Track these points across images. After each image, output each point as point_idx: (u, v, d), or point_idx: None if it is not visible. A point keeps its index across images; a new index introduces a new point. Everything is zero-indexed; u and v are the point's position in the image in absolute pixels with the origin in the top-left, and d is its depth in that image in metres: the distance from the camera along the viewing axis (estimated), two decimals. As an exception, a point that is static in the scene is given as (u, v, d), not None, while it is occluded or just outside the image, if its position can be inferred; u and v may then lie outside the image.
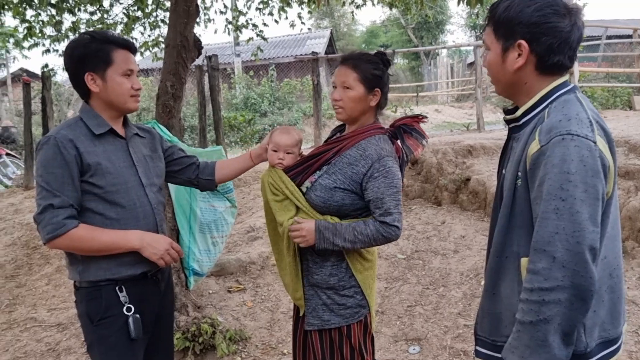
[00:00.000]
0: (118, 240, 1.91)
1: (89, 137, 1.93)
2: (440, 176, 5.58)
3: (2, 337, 3.74)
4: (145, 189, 2.01)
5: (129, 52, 2.00)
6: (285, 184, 2.10)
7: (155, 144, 2.20)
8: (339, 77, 2.06)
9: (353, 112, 2.06)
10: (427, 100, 21.71)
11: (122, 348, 1.95)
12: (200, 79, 7.33)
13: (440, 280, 4.25)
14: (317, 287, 2.09)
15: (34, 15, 5.67)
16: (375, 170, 1.97)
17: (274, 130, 2.25)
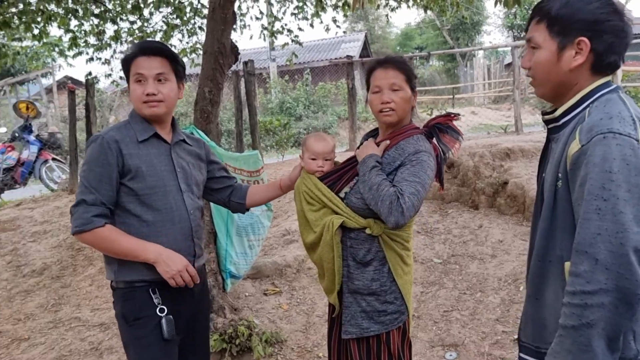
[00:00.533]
0: (136, 249, 1.94)
1: (134, 140, 2.01)
2: (477, 179, 5.50)
3: (49, 336, 3.88)
4: (183, 194, 2.05)
5: (148, 56, 1.99)
6: (322, 191, 2.09)
7: (200, 154, 2.23)
8: (387, 79, 2.04)
9: (403, 114, 2.07)
10: (464, 102, 21.41)
11: (155, 348, 2.00)
12: (237, 84, 7.45)
13: (477, 286, 4.19)
14: (358, 294, 2.06)
15: (77, 25, 5.88)
16: (408, 160, 1.97)
17: (308, 138, 2.25)
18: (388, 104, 2.03)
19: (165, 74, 2.01)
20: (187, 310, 2.10)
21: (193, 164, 2.17)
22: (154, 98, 1.99)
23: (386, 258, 2.04)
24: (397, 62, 2.07)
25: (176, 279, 1.96)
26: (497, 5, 3.71)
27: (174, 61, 2.05)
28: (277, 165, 7.32)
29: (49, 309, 4.25)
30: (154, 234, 1.99)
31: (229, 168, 3.74)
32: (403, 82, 2.04)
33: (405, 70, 2.05)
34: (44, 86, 16.84)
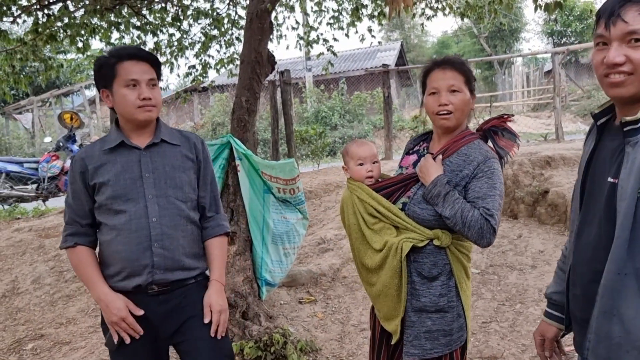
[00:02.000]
0: (87, 283, 2.03)
1: (101, 151, 2.02)
2: (516, 188, 5.37)
3: (89, 340, 3.97)
4: (147, 201, 1.99)
5: (137, 62, 1.97)
6: (379, 201, 1.97)
7: (187, 154, 2.11)
8: (445, 81, 1.93)
9: (461, 117, 1.95)
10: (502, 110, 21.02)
11: (114, 354, 2.06)
12: (273, 94, 7.52)
13: (517, 297, 4.08)
14: (423, 312, 1.93)
15: (118, 38, 6.06)
16: (480, 170, 1.87)
17: (350, 146, 2.16)
18: (446, 106, 1.92)
19: (154, 80, 2.02)
20: (146, 323, 2.01)
21: (175, 165, 2.07)
22: (150, 103, 1.98)
23: (452, 271, 1.93)
24: (456, 63, 1.98)
25: (122, 327, 1.95)
26: (538, 10, 3.63)
27: (158, 66, 2.06)
28: (313, 174, 7.34)
29: (90, 314, 4.35)
30: (113, 242, 1.98)
31: (264, 176, 3.78)
32: (462, 83, 1.94)
33: (464, 72, 1.96)
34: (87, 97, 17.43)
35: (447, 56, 2.04)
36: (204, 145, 2.20)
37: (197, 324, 2.06)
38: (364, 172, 2.07)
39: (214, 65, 6.95)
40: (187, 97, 7.98)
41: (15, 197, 8.25)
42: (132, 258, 1.98)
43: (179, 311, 2.06)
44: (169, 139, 2.09)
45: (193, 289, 2.10)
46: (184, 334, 2.07)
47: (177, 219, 2.03)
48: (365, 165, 2.08)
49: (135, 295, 2.01)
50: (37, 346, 3.97)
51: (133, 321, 1.96)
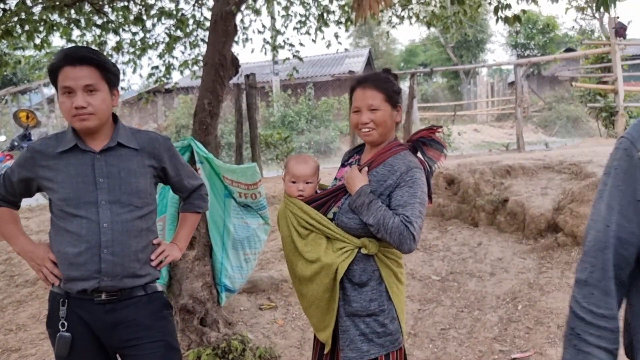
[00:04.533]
0: (10, 238, 2.11)
1: (54, 152, 1.97)
2: (477, 197, 5.46)
3: (40, 347, 3.83)
4: (98, 207, 1.95)
5: (74, 67, 1.88)
6: (309, 214, 2.04)
7: (145, 159, 2.07)
8: (364, 100, 2.02)
9: (384, 131, 2.04)
10: (466, 120, 21.45)
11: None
12: (238, 97, 7.46)
13: (475, 304, 4.13)
14: (356, 316, 2.00)
15: (79, 35, 5.90)
16: (402, 180, 1.94)
17: (290, 160, 2.20)
18: (366, 124, 2.02)
19: (94, 85, 1.90)
20: (89, 331, 1.99)
21: (132, 170, 2.02)
22: (84, 111, 1.89)
23: (382, 277, 2.00)
24: (375, 81, 2.05)
25: (44, 272, 2.00)
26: (499, 22, 3.71)
27: (104, 69, 1.94)
28: (277, 179, 7.30)
29: (41, 320, 4.19)
30: (62, 243, 1.96)
31: (226, 180, 3.72)
32: (382, 101, 2.02)
33: (384, 89, 2.02)
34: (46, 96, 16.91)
35: (368, 74, 2.10)
36: (166, 143, 2.15)
37: (145, 339, 2.03)
38: (294, 190, 2.12)
39: (178, 66, 6.84)
40: (150, 98, 7.82)
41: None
42: (79, 262, 1.93)
43: (126, 324, 2.01)
44: (126, 142, 2.02)
45: (144, 303, 2.06)
46: (131, 347, 2.03)
47: (129, 225, 1.99)
48: (296, 184, 2.12)
49: (82, 301, 1.97)
50: (-17, 354, 3.80)
51: (52, 266, 2.00)
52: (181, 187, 2.26)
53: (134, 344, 2.02)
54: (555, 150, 7.89)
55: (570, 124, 17.86)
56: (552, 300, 3.97)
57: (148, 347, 2.03)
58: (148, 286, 2.07)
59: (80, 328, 1.97)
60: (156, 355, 2.05)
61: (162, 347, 2.06)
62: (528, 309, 3.94)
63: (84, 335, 1.98)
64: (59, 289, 2.00)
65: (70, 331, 1.96)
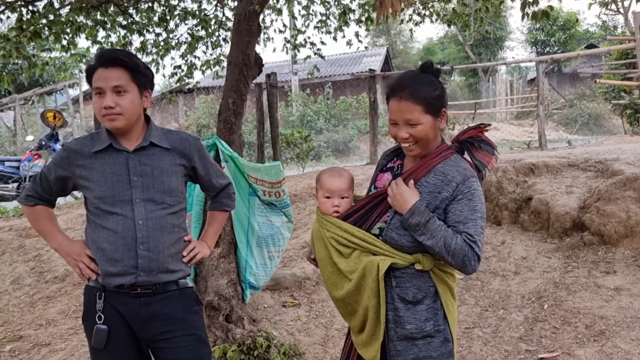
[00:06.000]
0: (47, 234, 2.17)
1: (90, 151, 2.03)
2: (499, 195, 5.42)
3: (69, 342, 3.91)
4: (133, 205, 2.00)
5: (106, 68, 1.95)
6: (350, 231, 1.85)
7: (177, 158, 2.12)
8: (401, 114, 1.79)
9: (427, 142, 1.83)
10: (485, 118, 21.25)
11: (92, 354, 2.08)
12: (259, 97, 7.50)
13: (499, 303, 4.11)
14: (410, 339, 1.81)
15: (104, 36, 6.00)
16: (460, 192, 1.76)
17: (322, 174, 2.02)
18: (406, 139, 1.81)
19: (123, 86, 1.96)
20: (126, 324, 2.04)
21: (164, 169, 2.07)
22: (112, 112, 1.95)
23: (438, 293, 1.83)
24: (412, 89, 1.79)
25: (80, 267, 2.05)
26: (525, 19, 3.68)
27: (134, 71, 1.99)
28: (298, 178, 7.33)
29: (70, 315, 4.28)
30: (100, 239, 2.02)
31: (250, 179, 3.76)
32: (421, 114, 1.78)
33: (422, 100, 1.78)
34: (71, 96, 17.20)
35: (403, 80, 1.84)
36: (196, 143, 2.20)
37: (177, 332, 2.08)
38: (329, 206, 1.93)
39: (200, 66, 6.92)
40: (173, 97, 7.92)
41: (-5, 196, 8.12)
42: (116, 258, 2.00)
43: (160, 317, 2.07)
44: (158, 141, 2.09)
45: (177, 298, 2.11)
46: (163, 340, 2.08)
47: (163, 221, 2.05)
48: (331, 199, 1.94)
49: (118, 294, 2.04)
50: (15, 348, 3.89)
51: (89, 262, 2.05)
52: (210, 186, 2.30)
53: (166, 337, 2.08)
54: (579, 148, 7.79)
55: (592, 122, 17.60)
56: (579, 300, 3.93)
57: (180, 340, 2.08)
58: (180, 281, 2.13)
59: (116, 321, 2.03)
60: (187, 348, 2.11)
61: (193, 340, 2.12)
62: (554, 308, 3.90)
63: (120, 328, 2.04)
64: (95, 283, 2.06)
65: (106, 324, 2.01)
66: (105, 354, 2.05)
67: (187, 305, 2.14)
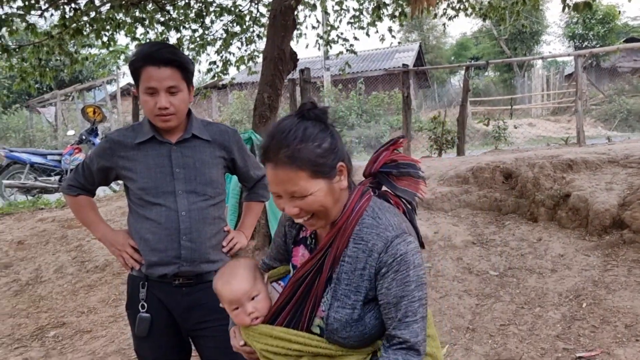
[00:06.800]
0: (91, 224, 2.22)
1: (132, 142, 2.07)
2: (536, 191, 5.33)
3: (109, 329, 4.03)
4: (176, 196, 2.03)
5: (158, 67, 1.93)
6: (287, 339, 1.42)
7: (217, 150, 2.14)
8: (281, 186, 1.35)
9: (328, 214, 1.40)
10: (520, 114, 20.87)
11: (135, 341, 2.16)
12: (293, 92, 7.54)
13: (536, 300, 4.04)
14: None
15: (142, 33, 6.13)
16: (384, 264, 1.34)
17: (215, 282, 1.58)
18: (298, 215, 1.38)
19: (176, 86, 1.97)
20: (168, 313, 2.10)
21: (205, 161, 2.10)
22: (167, 112, 1.97)
23: None
24: (290, 153, 1.32)
25: (124, 257, 2.10)
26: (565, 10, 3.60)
27: (184, 69, 2.00)
28: (330, 173, 7.35)
29: (110, 304, 4.41)
30: (143, 230, 2.06)
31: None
32: (308, 181, 1.33)
33: (306, 163, 1.32)
34: (109, 92, 17.64)
35: (276, 135, 1.34)
36: (235, 136, 2.23)
37: (216, 322, 2.11)
38: (244, 317, 1.50)
39: (234, 62, 7.01)
40: (208, 93, 8.05)
41: (39, 188, 8.41)
42: (159, 248, 2.04)
43: (200, 307, 2.11)
44: (199, 134, 2.11)
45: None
46: (202, 329, 2.12)
47: (205, 213, 2.09)
48: (242, 308, 1.50)
49: (161, 284, 2.08)
50: (59, 334, 4.04)
51: (132, 252, 2.09)
52: (247, 178, 2.33)
53: (205, 327, 2.12)
54: (619, 144, 7.58)
55: (632, 118, 17.07)
56: (619, 299, 3.84)
57: (218, 330, 2.10)
58: None
59: (159, 309, 2.09)
60: (223, 339, 2.13)
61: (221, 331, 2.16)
62: (593, 307, 3.82)
63: (162, 317, 2.09)
64: (138, 272, 2.11)
65: (149, 312, 2.07)
66: (147, 342, 2.11)
67: None
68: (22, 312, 4.45)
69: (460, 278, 4.40)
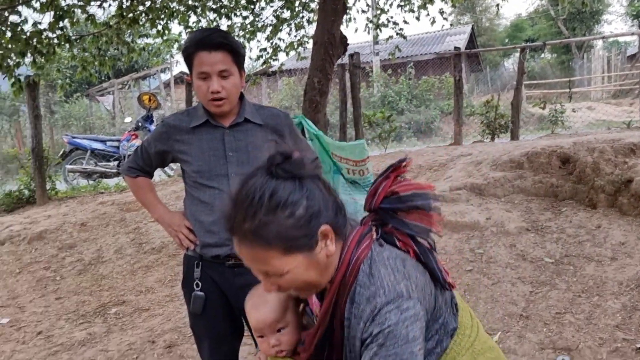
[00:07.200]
0: (149, 205, 2.29)
1: (187, 126, 2.11)
2: (596, 177, 5.11)
3: (166, 308, 4.19)
4: (229, 179, 2.07)
5: (209, 52, 1.95)
6: None
7: (269, 134, 2.16)
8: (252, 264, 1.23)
9: (316, 285, 1.25)
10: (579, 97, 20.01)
11: (191, 319, 2.23)
12: (342, 77, 7.52)
13: (594, 289, 3.91)
14: None
15: (195, 21, 6.26)
16: (369, 334, 1.15)
17: (246, 302, 1.50)
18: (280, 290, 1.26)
19: (228, 70, 1.99)
20: (221, 292, 2.15)
21: (257, 145, 2.13)
22: (219, 96, 2.00)
23: None
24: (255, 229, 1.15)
25: (180, 238, 2.15)
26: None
27: (236, 53, 2.01)
28: (380, 158, 7.30)
29: (166, 284, 4.58)
30: (198, 212, 2.12)
31: (335, 157, 3.80)
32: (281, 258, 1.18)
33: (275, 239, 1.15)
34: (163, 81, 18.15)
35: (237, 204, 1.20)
36: (287, 119, 2.26)
37: None
38: (267, 347, 1.42)
39: (284, 48, 7.05)
40: (258, 80, 8.14)
41: (99, 173, 8.82)
42: (213, 230, 2.09)
43: (252, 287, 2.14)
44: (251, 117, 2.14)
45: None
46: None
47: None
48: (266, 338, 1.42)
49: (214, 264, 2.14)
50: (119, 311, 4.24)
51: (188, 232, 2.16)
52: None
53: None
54: (687, 128, 7.16)
55: (701, 100, 16.06)
56: (684, 289, 3.66)
57: None
58: None
59: (213, 289, 2.15)
60: None
61: None
62: (656, 296, 3.66)
63: (216, 295, 2.16)
64: (193, 252, 2.18)
65: (203, 291, 2.14)
66: (202, 319, 2.18)
67: None
68: (86, 290, 4.69)
69: (514, 265, 4.31)
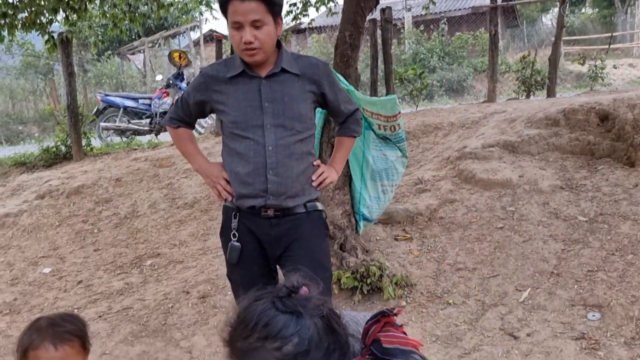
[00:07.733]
0: (189, 156, 2.33)
1: (224, 76, 2.11)
2: (636, 134, 4.94)
3: (199, 261, 4.32)
4: (264, 130, 2.07)
5: (240, 1, 1.93)
6: None
7: (307, 85, 2.14)
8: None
9: None
10: (620, 54, 19.16)
11: (229, 267, 2.30)
12: (374, 32, 7.36)
13: (629, 247, 3.84)
14: None
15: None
16: None
17: None
18: None
19: (261, 19, 1.96)
20: (257, 243, 2.20)
21: (294, 95, 2.11)
22: (252, 46, 1.98)
23: None
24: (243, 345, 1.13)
25: (218, 189, 2.21)
26: None
27: (269, 2, 1.97)
28: (411, 115, 7.21)
29: (199, 238, 4.70)
30: (233, 163, 2.14)
31: (365, 112, 3.76)
32: None
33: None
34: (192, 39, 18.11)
35: (232, 336, 1.15)
36: (326, 69, 2.22)
37: (302, 245, 2.20)
38: None
39: (314, 3, 6.91)
40: (289, 36, 8.04)
41: (132, 130, 8.97)
42: (248, 182, 2.12)
43: (287, 237, 2.19)
44: (289, 67, 2.11)
45: (304, 220, 2.21)
46: (289, 259, 2.20)
47: (292, 148, 2.11)
48: None
49: (250, 215, 2.18)
50: (154, 263, 4.39)
51: (225, 184, 2.20)
52: (338, 112, 2.32)
53: (291, 258, 2.20)
54: None
55: None
56: None
57: (302, 261, 2.15)
58: (308, 204, 2.21)
59: (249, 239, 2.20)
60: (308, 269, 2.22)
61: (314, 262, 2.20)
62: (693, 255, 3.58)
63: (252, 245, 2.21)
64: (231, 203, 2.22)
65: (240, 241, 2.19)
66: (238, 268, 2.24)
67: (314, 227, 2.23)
68: (122, 242, 4.86)
69: (546, 223, 4.25)
